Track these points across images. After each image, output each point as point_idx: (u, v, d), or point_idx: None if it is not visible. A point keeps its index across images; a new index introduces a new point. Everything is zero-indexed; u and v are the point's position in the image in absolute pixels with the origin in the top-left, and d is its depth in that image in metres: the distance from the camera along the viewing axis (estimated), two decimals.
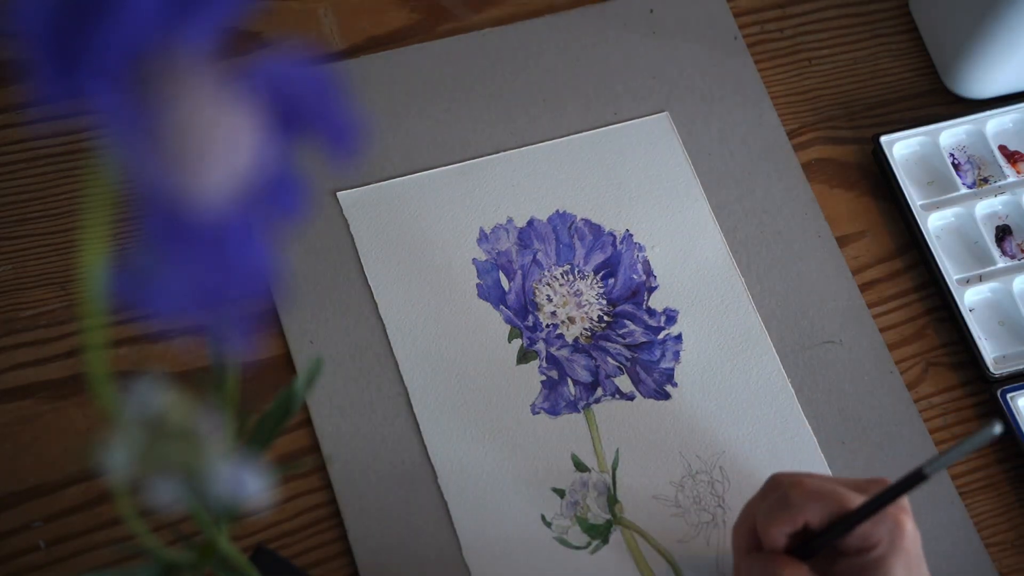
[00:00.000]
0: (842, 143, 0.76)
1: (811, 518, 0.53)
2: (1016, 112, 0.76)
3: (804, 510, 0.53)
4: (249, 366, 0.65)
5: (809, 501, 0.53)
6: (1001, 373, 0.69)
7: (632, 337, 0.68)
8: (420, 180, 0.71)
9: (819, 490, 0.53)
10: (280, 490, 0.62)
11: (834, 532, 0.52)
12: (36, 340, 0.65)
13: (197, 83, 0.26)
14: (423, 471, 0.64)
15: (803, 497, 0.53)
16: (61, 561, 0.60)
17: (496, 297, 0.68)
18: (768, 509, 0.54)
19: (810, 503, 0.53)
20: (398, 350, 0.66)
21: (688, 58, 0.77)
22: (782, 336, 0.69)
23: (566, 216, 0.71)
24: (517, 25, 0.77)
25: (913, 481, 0.50)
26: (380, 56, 0.74)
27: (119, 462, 0.29)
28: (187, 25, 0.25)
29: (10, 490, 0.61)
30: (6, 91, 0.71)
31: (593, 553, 0.63)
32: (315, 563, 0.62)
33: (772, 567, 0.53)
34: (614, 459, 0.65)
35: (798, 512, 0.53)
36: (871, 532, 0.52)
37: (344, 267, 0.68)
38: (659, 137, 0.74)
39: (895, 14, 0.81)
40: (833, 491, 0.53)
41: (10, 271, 0.66)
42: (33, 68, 0.25)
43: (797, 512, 0.53)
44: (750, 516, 0.55)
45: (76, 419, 0.63)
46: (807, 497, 0.53)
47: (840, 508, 0.52)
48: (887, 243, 0.74)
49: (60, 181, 0.69)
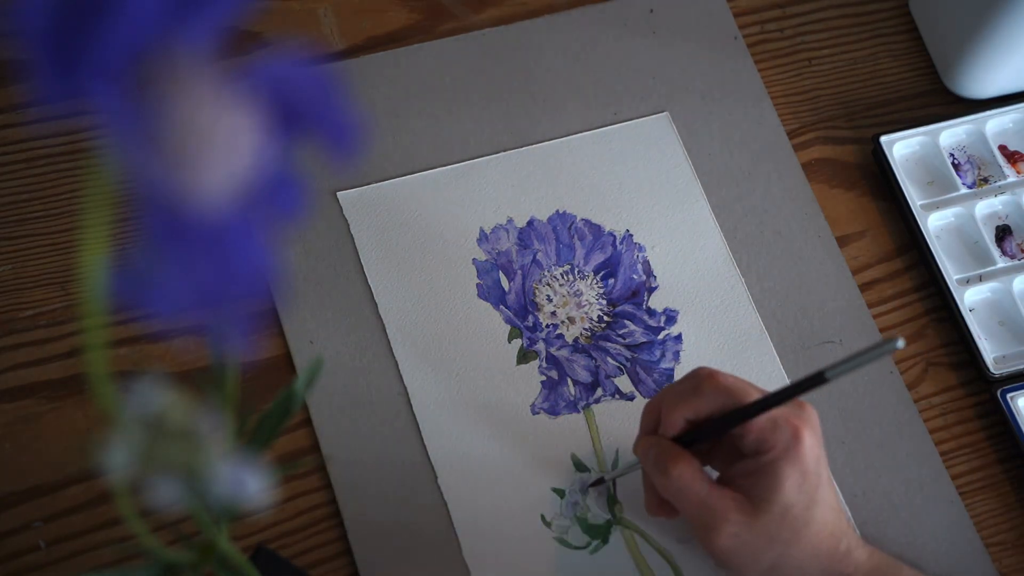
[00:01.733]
0: (842, 143, 0.76)
1: (712, 408, 0.54)
2: (1016, 112, 0.76)
3: (708, 400, 0.55)
4: (249, 366, 0.65)
5: (715, 393, 0.54)
6: (1001, 373, 0.69)
7: (632, 337, 0.68)
8: (420, 180, 0.71)
9: (728, 386, 0.54)
10: (280, 490, 0.62)
11: (722, 423, 0.54)
12: (36, 340, 0.65)
13: (197, 83, 0.26)
14: (423, 471, 0.64)
15: (711, 389, 0.55)
16: (61, 561, 0.60)
17: (496, 297, 0.68)
18: (676, 392, 0.56)
19: (715, 395, 0.54)
20: (398, 350, 0.66)
21: (688, 58, 0.77)
22: (782, 336, 0.69)
23: (566, 216, 0.71)
24: (517, 25, 0.77)
25: (811, 383, 0.52)
26: (380, 56, 0.74)
27: (119, 462, 0.29)
28: (187, 25, 0.25)
29: (10, 490, 0.61)
30: (6, 91, 0.71)
31: (593, 553, 0.63)
32: (315, 563, 0.62)
33: (663, 459, 0.55)
34: (614, 459, 0.65)
35: (702, 401, 0.55)
36: (768, 436, 0.53)
37: (344, 267, 0.68)
38: (659, 137, 0.74)
39: (895, 14, 0.81)
40: (740, 388, 0.54)
41: (10, 271, 0.66)
42: (33, 68, 0.25)
43: (701, 401, 0.55)
44: (661, 398, 0.57)
45: (76, 419, 0.63)
46: (715, 389, 0.55)
47: (738, 403, 0.54)
48: (887, 243, 0.74)
49: (60, 181, 0.69)
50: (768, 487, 0.53)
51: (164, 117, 0.26)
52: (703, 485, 0.54)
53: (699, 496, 0.54)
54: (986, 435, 0.69)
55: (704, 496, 0.54)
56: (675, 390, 0.56)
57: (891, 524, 0.65)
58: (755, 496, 0.53)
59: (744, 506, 0.54)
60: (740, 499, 0.54)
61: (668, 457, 0.55)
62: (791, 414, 0.54)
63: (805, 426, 0.53)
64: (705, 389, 0.55)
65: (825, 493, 0.54)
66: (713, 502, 0.54)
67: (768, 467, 0.53)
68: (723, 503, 0.54)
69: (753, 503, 0.53)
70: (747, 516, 0.53)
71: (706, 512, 0.54)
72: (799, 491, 0.53)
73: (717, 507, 0.54)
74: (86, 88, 0.25)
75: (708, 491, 0.54)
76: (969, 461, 0.68)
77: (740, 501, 0.54)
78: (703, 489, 0.54)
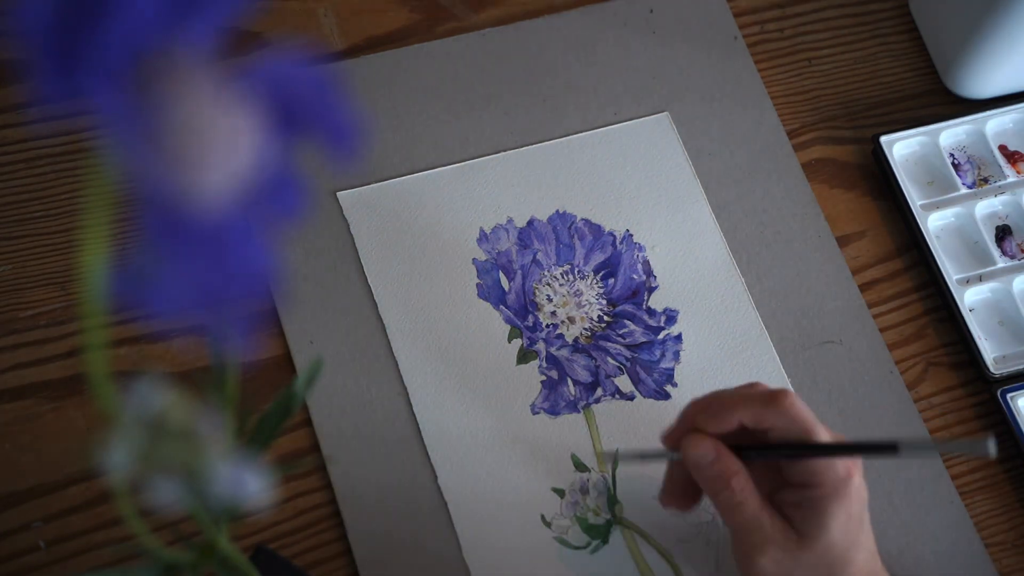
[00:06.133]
0: (842, 143, 0.76)
1: (775, 426, 0.54)
2: (1016, 112, 0.76)
3: (776, 418, 0.54)
4: (249, 366, 0.65)
5: (787, 415, 0.54)
6: (1001, 373, 0.69)
7: (632, 337, 0.68)
8: (420, 180, 0.71)
9: (804, 417, 0.54)
10: (280, 490, 0.62)
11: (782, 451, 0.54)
12: (36, 340, 0.65)
13: (197, 83, 0.26)
14: (423, 471, 0.64)
15: (787, 409, 0.54)
16: (61, 561, 0.60)
17: (496, 297, 0.68)
18: (746, 395, 0.55)
19: (785, 417, 0.54)
20: (398, 350, 0.66)
21: (688, 58, 0.77)
22: (782, 336, 0.69)
23: (566, 216, 0.71)
24: (517, 25, 0.77)
25: (884, 449, 0.52)
26: (380, 56, 0.74)
27: (119, 462, 0.29)
28: (187, 25, 0.25)
29: (10, 490, 0.61)
30: (6, 91, 0.71)
31: (593, 553, 0.63)
32: (315, 563, 0.62)
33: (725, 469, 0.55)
34: (614, 459, 0.65)
35: (770, 415, 0.54)
36: (820, 472, 0.53)
37: (344, 267, 0.68)
38: (659, 137, 0.74)
39: (895, 14, 0.81)
40: (812, 422, 0.54)
41: (10, 271, 0.66)
42: (33, 68, 0.25)
43: (769, 414, 0.54)
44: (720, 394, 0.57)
45: (76, 419, 0.63)
46: (788, 411, 0.54)
47: (806, 435, 0.54)
48: (887, 243, 0.74)
49: (60, 181, 0.69)
50: (815, 524, 0.53)
51: (164, 117, 0.26)
52: (756, 503, 0.54)
53: (753, 513, 0.54)
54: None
55: (757, 514, 0.54)
56: (745, 392, 0.56)
57: (891, 524, 0.65)
58: (801, 529, 0.54)
59: (790, 535, 0.54)
60: (786, 527, 0.54)
61: (730, 469, 0.55)
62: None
63: (855, 468, 0.54)
64: (781, 407, 0.54)
65: (866, 538, 0.55)
66: (764, 523, 0.54)
67: (816, 503, 0.53)
68: (772, 526, 0.54)
69: (799, 534, 0.54)
70: (791, 545, 0.54)
71: (756, 530, 0.54)
72: (843, 532, 0.53)
73: (765, 529, 0.54)
74: (86, 88, 0.25)
75: (761, 511, 0.54)
76: (969, 461, 0.68)
77: (786, 529, 0.54)
78: (756, 507, 0.54)
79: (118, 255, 0.28)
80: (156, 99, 0.26)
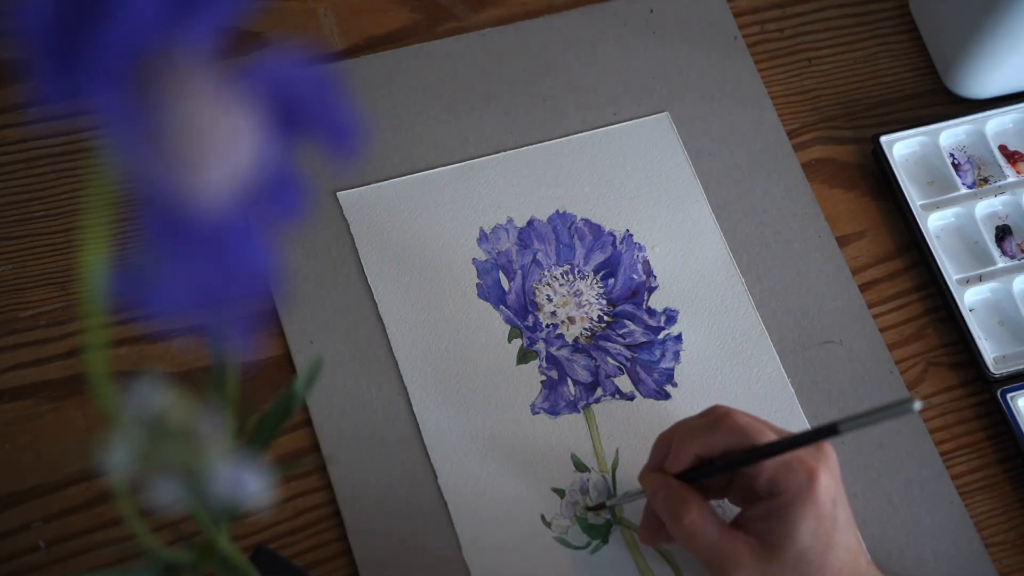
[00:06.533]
0: (842, 143, 0.76)
1: (725, 446, 0.54)
2: (1016, 112, 0.76)
3: (720, 438, 0.54)
4: (249, 366, 0.65)
5: (729, 431, 0.54)
6: (1001, 373, 0.69)
7: (632, 337, 0.68)
8: (420, 180, 0.71)
9: (743, 425, 0.54)
10: (280, 490, 0.62)
11: (729, 462, 0.53)
12: (36, 340, 0.65)
13: (197, 83, 0.26)
14: (423, 471, 0.64)
15: (726, 427, 0.54)
16: (61, 561, 0.60)
17: (496, 297, 0.68)
18: (690, 427, 0.55)
19: (729, 433, 0.53)
20: (398, 350, 0.66)
21: (688, 58, 0.77)
22: (782, 336, 0.69)
23: (566, 216, 0.71)
24: (517, 25, 0.77)
25: (824, 433, 0.51)
26: (380, 56, 0.74)
27: (119, 462, 0.29)
28: (187, 25, 0.25)
29: (10, 490, 0.61)
30: (6, 91, 0.71)
31: (593, 553, 0.63)
32: (315, 563, 0.62)
33: (674, 503, 0.54)
34: (614, 459, 0.65)
35: (714, 438, 0.54)
36: (781, 479, 0.52)
37: (344, 267, 0.68)
38: (659, 137, 0.74)
39: (895, 14, 0.81)
40: (755, 429, 0.53)
41: (10, 271, 0.66)
42: (33, 68, 0.25)
43: (714, 437, 0.54)
44: (674, 431, 0.56)
45: (76, 419, 0.63)
46: (729, 428, 0.54)
47: (751, 443, 0.53)
48: (887, 243, 0.74)
49: (60, 181, 0.69)
50: (781, 532, 0.52)
51: (164, 117, 0.26)
52: (715, 530, 0.53)
53: (711, 541, 0.53)
54: (986, 435, 0.69)
55: (716, 541, 0.53)
56: (689, 425, 0.56)
57: (891, 524, 0.65)
58: (768, 541, 0.52)
59: (758, 551, 0.52)
60: (754, 543, 0.53)
61: (679, 501, 0.54)
62: (807, 455, 0.53)
63: (821, 467, 0.52)
64: (719, 427, 0.54)
65: (842, 536, 0.52)
66: (725, 547, 0.53)
67: (781, 511, 0.52)
68: (735, 548, 0.53)
69: (767, 548, 0.52)
70: (761, 561, 0.52)
71: (718, 557, 0.53)
72: (813, 536, 0.52)
73: (729, 552, 0.53)
74: (86, 88, 0.25)
75: (720, 536, 0.53)
76: (969, 461, 0.68)
77: (753, 546, 0.53)
78: (715, 534, 0.53)
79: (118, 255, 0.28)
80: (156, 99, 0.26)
